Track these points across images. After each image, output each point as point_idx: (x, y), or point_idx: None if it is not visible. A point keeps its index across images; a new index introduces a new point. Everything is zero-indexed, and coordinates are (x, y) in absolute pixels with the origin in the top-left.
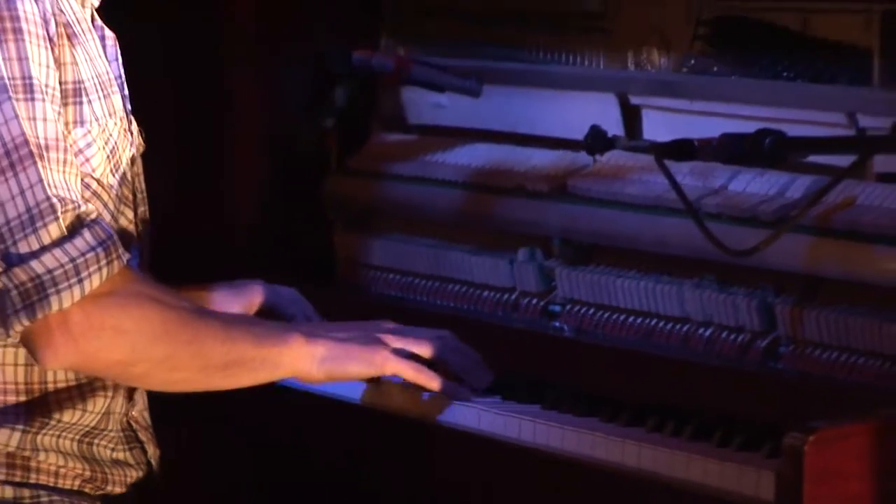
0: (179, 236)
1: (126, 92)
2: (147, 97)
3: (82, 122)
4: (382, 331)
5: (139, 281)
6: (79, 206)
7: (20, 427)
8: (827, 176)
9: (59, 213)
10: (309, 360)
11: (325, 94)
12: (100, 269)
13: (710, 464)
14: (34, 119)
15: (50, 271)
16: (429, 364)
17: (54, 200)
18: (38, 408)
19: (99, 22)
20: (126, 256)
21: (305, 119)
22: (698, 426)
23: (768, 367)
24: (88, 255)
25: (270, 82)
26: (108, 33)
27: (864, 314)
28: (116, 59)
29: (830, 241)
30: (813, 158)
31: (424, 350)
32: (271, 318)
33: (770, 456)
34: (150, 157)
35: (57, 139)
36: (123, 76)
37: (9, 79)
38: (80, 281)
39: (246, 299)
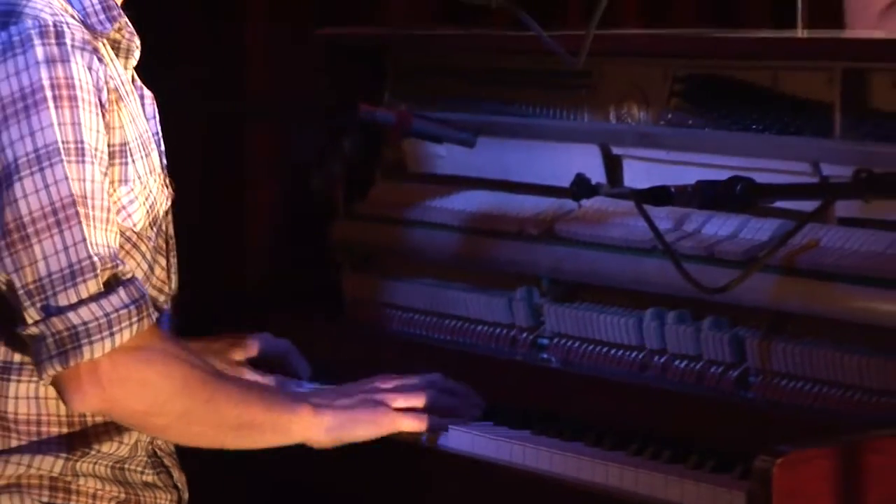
0: (200, 275)
1: (162, 148)
2: (175, 148)
3: (126, 181)
4: (380, 391)
5: (165, 339)
6: (117, 266)
7: (63, 455)
8: (793, 220)
9: (98, 271)
10: (317, 430)
11: (333, 145)
12: (131, 325)
13: (686, 484)
14: (83, 180)
15: (85, 323)
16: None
17: (95, 259)
18: (77, 439)
19: (139, 82)
20: (155, 315)
21: (315, 168)
22: (675, 450)
23: (739, 396)
24: (122, 312)
25: (284, 134)
26: (147, 93)
27: (826, 347)
28: (154, 118)
29: (796, 280)
30: (780, 204)
31: (420, 401)
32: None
33: (741, 477)
34: (176, 204)
35: (102, 199)
36: (160, 133)
37: (63, 142)
38: (112, 334)
39: (244, 350)
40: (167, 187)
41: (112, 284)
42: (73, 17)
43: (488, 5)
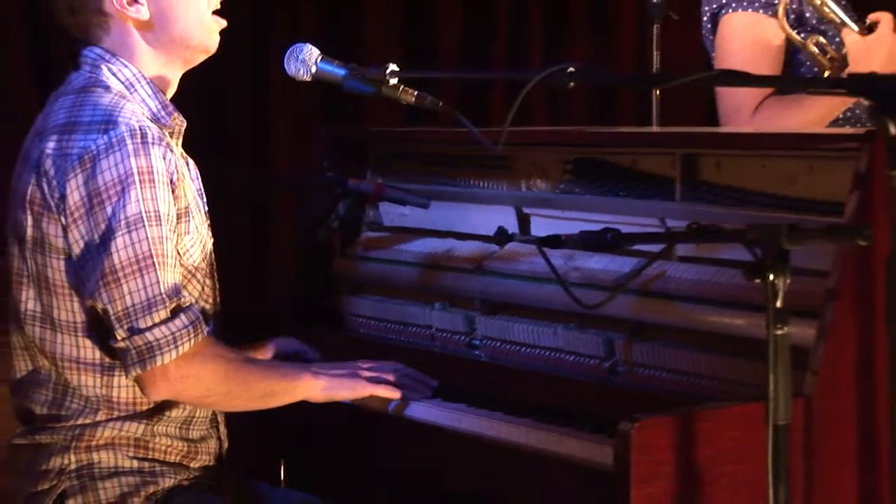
0: (240, 297)
1: (205, 199)
2: (226, 208)
3: (189, 232)
4: (359, 367)
5: (213, 344)
6: (180, 298)
7: (144, 422)
8: (646, 258)
9: (167, 304)
10: (315, 390)
11: (332, 207)
12: (189, 339)
13: (572, 442)
14: (159, 238)
15: (157, 339)
16: (390, 384)
17: (165, 296)
18: (156, 410)
19: (183, 153)
20: (206, 329)
21: (320, 223)
22: (566, 417)
23: (610, 380)
24: (183, 331)
25: (299, 199)
26: (191, 161)
27: (671, 346)
28: (198, 178)
29: (649, 299)
30: (638, 246)
31: (388, 376)
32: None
33: (610, 437)
34: (225, 250)
35: (171, 251)
36: (202, 188)
37: (145, 212)
38: (177, 346)
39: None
40: (210, 228)
41: (176, 312)
42: (147, 117)
43: (436, 110)
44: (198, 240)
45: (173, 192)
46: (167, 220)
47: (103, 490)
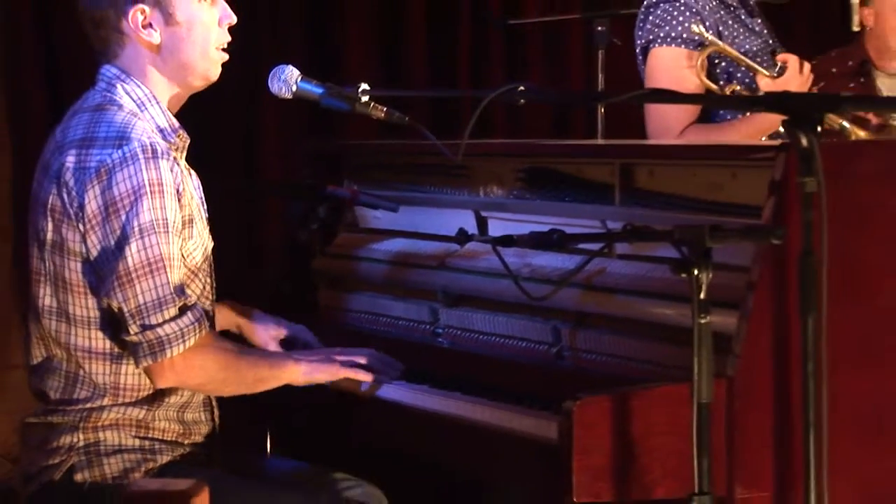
0: (234, 292)
1: (205, 206)
2: (221, 212)
3: (192, 237)
4: (335, 353)
5: (213, 337)
6: (186, 297)
7: (146, 407)
8: (589, 255)
9: (176, 303)
10: (297, 374)
11: (312, 211)
12: (195, 334)
13: (522, 418)
14: (167, 244)
15: (167, 335)
16: (362, 367)
17: (173, 296)
18: (157, 395)
19: (186, 165)
20: (207, 325)
21: (302, 225)
22: (518, 396)
23: (557, 364)
24: (189, 326)
25: (284, 204)
26: (193, 172)
27: (611, 333)
28: (199, 187)
29: (591, 292)
30: (581, 245)
31: (360, 360)
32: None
33: (556, 414)
34: (223, 252)
35: (178, 255)
36: (203, 197)
37: (155, 220)
38: (184, 340)
39: (280, 328)
40: (210, 233)
41: (183, 310)
42: (157, 134)
43: (403, 124)
44: (199, 244)
45: (179, 200)
46: (174, 227)
47: (108, 465)
